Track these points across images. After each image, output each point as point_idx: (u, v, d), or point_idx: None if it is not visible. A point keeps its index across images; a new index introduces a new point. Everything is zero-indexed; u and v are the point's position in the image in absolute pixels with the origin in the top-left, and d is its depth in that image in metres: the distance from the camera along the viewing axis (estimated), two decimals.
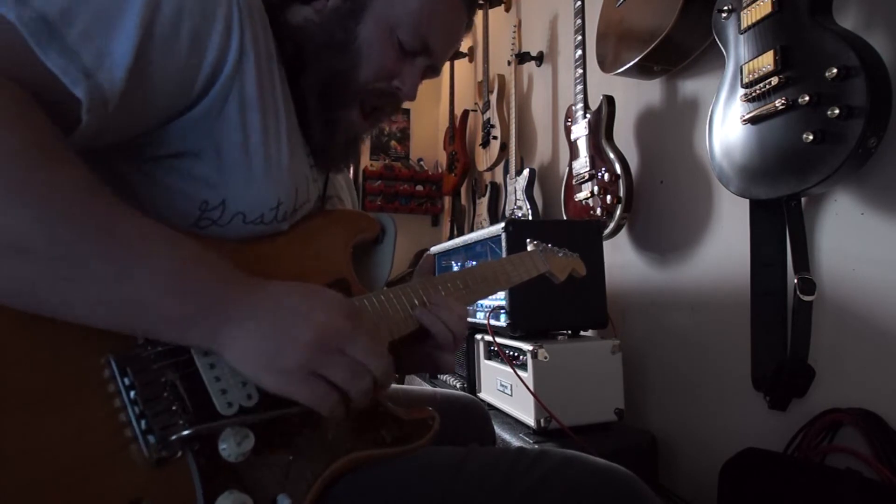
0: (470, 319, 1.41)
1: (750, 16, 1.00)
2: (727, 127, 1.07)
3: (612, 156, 1.48)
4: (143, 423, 0.40)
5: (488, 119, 2.60)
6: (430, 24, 0.61)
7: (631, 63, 1.36)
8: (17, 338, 0.38)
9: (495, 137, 2.53)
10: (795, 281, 1.00)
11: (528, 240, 0.90)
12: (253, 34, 0.52)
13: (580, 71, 1.62)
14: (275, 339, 0.43)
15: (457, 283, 0.69)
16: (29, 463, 0.36)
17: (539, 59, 2.28)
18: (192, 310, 0.41)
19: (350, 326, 0.46)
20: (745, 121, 1.01)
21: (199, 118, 0.50)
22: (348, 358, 0.45)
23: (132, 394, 0.41)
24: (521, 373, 1.19)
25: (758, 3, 0.98)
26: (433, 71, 0.67)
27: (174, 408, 0.42)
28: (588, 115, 1.58)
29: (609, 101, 1.51)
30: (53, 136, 0.40)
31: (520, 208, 2.11)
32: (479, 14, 2.80)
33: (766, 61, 0.96)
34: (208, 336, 0.43)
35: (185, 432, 0.41)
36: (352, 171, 3.47)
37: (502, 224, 1.30)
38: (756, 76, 0.98)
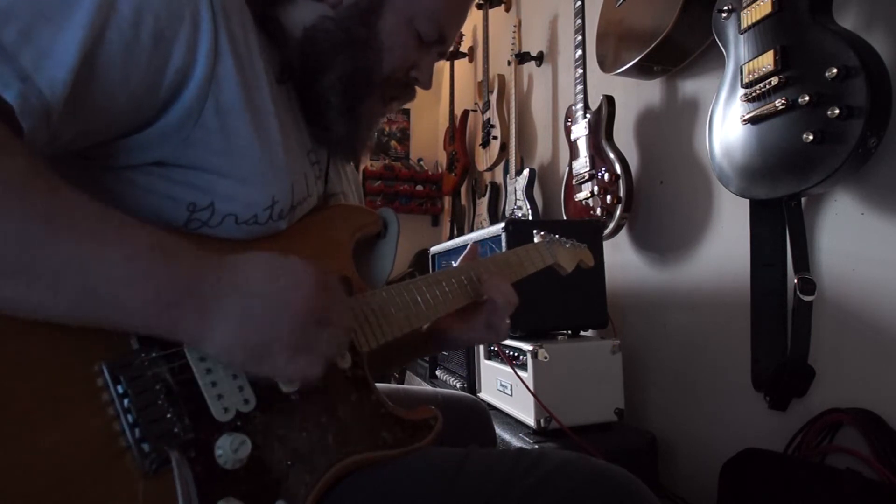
0: None
1: (750, 16, 1.00)
2: (727, 127, 1.07)
3: (612, 156, 1.48)
4: (137, 431, 0.40)
5: (488, 119, 2.59)
6: (447, 13, 0.62)
7: (631, 63, 1.35)
8: (9, 346, 0.38)
9: (495, 137, 2.52)
10: (795, 281, 1.00)
11: (534, 231, 0.88)
12: (229, 35, 0.49)
13: (580, 71, 1.62)
14: (257, 330, 0.43)
15: (461, 279, 0.69)
16: (23, 474, 0.36)
17: (539, 59, 2.27)
18: (153, 295, 0.40)
19: (324, 297, 0.46)
20: (745, 121, 1.01)
21: (175, 125, 0.48)
22: (330, 328, 0.46)
23: (126, 402, 0.40)
24: (521, 373, 1.18)
25: (758, 3, 0.98)
26: (442, 56, 0.68)
27: (169, 415, 0.42)
28: (588, 115, 1.57)
29: (609, 101, 1.51)
30: None
31: (520, 208, 2.11)
32: (479, 14, 2.79)
33: (766, 61, 0.96)
34: (180, 325, 0.41)
35: (181, 440, 0.41)
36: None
37: (502, 224, 1.30)
38: (756, 76, 0.98)
